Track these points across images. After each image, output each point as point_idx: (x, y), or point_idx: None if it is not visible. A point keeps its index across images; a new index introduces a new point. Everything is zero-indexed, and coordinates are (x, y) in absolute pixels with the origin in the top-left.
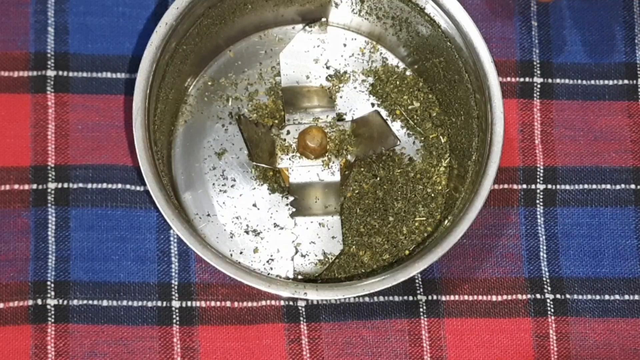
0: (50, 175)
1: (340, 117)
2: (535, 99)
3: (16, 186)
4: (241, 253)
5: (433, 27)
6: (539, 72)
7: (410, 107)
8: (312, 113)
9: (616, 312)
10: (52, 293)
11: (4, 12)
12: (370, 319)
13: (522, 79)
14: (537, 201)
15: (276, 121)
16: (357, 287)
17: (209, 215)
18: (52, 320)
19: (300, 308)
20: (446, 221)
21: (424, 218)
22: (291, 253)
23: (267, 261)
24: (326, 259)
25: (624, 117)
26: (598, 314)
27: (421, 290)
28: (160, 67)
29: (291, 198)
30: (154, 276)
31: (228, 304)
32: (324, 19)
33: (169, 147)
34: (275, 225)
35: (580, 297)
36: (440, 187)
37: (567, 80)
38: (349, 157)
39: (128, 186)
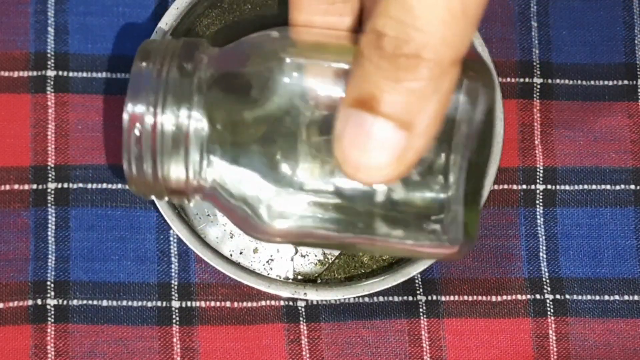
0: (50, 175)
1: None
2: (535, 99)
3: (16, 186)
4: (241, 253)
5: None
6: (538, 72)
7: None
8: None
9: (616, 313)
10: (52, 293)
11: (4, 12)
12: (370, 319)
13: (521, 80)
14: (537, 201)
15: None
16: (357, 287)
17: (208, 215)
18: (52, 320)
19: (300, 308)
20: None
21: None
22: (291, 253)
23: (267, 261)
24: (326, 259)
25: (624, 117)
26: (598, 314)
27: (421, 290)
28: None
29: None
30: (153, 276)
31: (228, 304)
32: None
33: None
34: None
35: (579, 297)
36: None
37: (567, 81)
38: None
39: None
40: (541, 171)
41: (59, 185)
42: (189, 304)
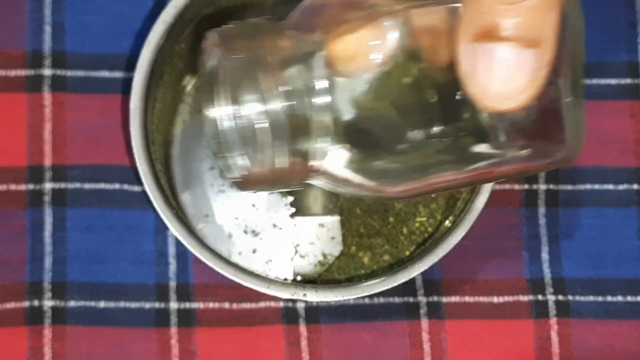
0: (47, 175)
1: None
2: None
3: (13, 186)
4: (240, 254)
5: None
6: None
7: None
8: None
9: (618, 314)
10: (49, 294)
11: (1, 10)
12: (371, 321)
13: None
14: (539, 202)
15: None
16: (357, 288)
17: (207, 215)
18: (49, 322)
19: (299, 310)
20: (447, 222)
21: (425, 218)
22: (290, 254)
23: (266, 262)
24: (326, 260)
25: (627, 116)
26: (600, 315)
27: (422, 291)
28: (157, 66)
29: (290, 198)
30: (151, 277)
31: (226, 305)
32: None
33: (167, 146)
34: (274, 225)
35: (582, 298)
36: None
37: None
38: None
39: (126, 186)
40: None
41: (56, 186)
42: (187, 305)
